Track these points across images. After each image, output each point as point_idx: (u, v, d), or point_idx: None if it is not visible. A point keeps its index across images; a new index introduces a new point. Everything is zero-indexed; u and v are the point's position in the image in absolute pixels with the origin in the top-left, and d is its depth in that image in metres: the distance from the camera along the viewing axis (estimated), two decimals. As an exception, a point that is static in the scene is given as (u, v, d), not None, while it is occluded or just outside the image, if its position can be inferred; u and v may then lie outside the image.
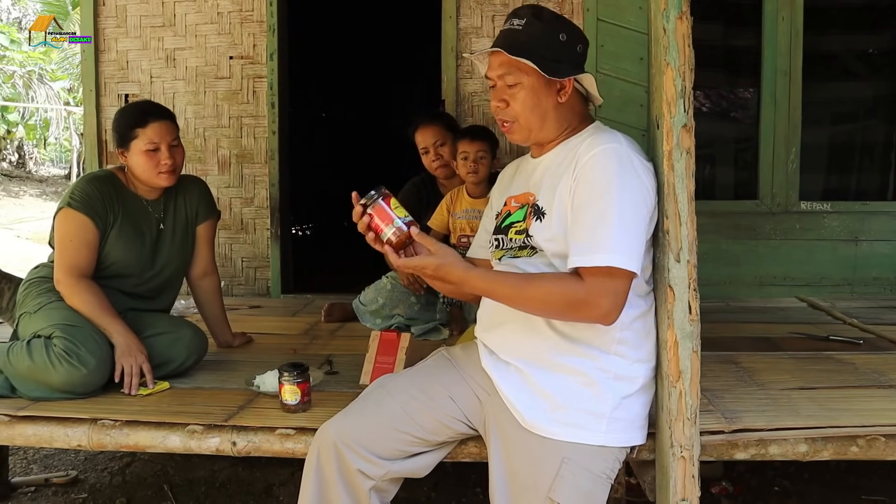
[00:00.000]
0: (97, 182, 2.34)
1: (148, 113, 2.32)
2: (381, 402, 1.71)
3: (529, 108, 1.62)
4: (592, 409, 1.56)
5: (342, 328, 3.11)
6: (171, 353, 2.28)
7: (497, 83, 1.64)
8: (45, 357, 2.04)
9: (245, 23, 3.83)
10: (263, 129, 3.87)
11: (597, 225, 1.49)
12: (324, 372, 2.35)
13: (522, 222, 1.67)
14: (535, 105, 1.62)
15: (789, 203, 3.79)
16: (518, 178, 1.78)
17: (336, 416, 1.71)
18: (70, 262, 2.26)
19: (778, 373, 2.28)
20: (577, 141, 1.64)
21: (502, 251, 1.73)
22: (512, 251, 1.70)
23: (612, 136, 1.60)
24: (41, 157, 15.40)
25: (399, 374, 1.84)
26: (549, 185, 1.63)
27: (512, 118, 1.64)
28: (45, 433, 1.96)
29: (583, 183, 1.53)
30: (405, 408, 1.68)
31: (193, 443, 1.91)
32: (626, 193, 1.50)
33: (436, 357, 1.86)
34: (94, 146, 3.90)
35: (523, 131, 1.66)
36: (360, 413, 1.69)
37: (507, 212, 1.74)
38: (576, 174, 1.56)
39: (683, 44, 1.56)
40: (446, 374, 1.76)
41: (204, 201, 2.57)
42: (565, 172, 1.59)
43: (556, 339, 1.59)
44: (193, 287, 2.65)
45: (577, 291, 1.49)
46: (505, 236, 1.72)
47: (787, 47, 3.71)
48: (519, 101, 1.62)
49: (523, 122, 1.64)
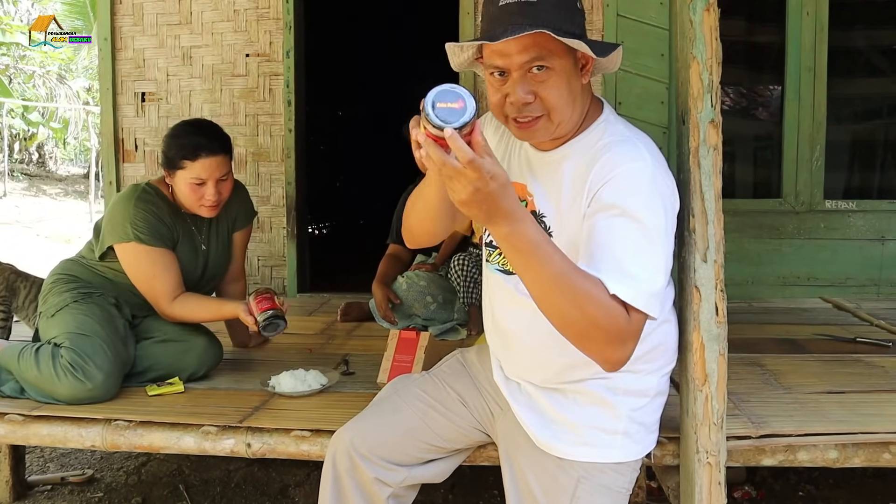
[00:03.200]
0: (153, 206, 2.24)
1: (200, 147, 2.18)
2: (397, 409, 1.65)
3: (564, 97, 1.32)
4: (606, 427, 1.48)
5: (359, 328, 3.08)
6: (181, 363, 2.23)
7: (515, 72, 1.30)
8: (52, 368, 2.01)
9: (261, 20, 3.80)
10: (280, 127, 3.85)
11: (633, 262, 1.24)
12: (340, 372, 2.32)
13: None
14: (569, 92, 1.32)
15: (814, 202, 3.72)
16: (513, 157, 1.51)
17: (351, 423, 1.65)
18: (164, 292, 2.23)
19: (804, 376, 2.22)
20: (590, 140, 1.39)
21: (495, 252, 1.53)
22: (503, 258, 1.49)
23: (633, 146, 1.35)
24: (62, 156, 15.52)
25: (415, 379, 1.76)
26: (556, 194, 1.40)
27: (541, 112, 1.32)
28: (60, 433, 1.95)
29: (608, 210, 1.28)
30: (421, 415, 1.63)
31: (208, 444, 1.89)
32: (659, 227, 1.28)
33: (451, 362, 1.78)
34: (110, 145, 3.89)
35: (551, 128, 1.35)
36: (376, 420, 1.64)
37: None
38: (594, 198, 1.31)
39: (710, 36, 1.51)
40: (461, 381, 1.70)
41: (243, 208, 2.51)
42: (577, 192, 1.36)
43: (563, 363, 1.46)
44: (219, 292, 2.61)
45: (620, 322, 1.20)
46: None
47: (811, 43, 3.63)
48: (553, 91, 1.30)
49: (556, 115, 1.33)
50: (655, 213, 1.28)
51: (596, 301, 1.18)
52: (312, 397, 2.10)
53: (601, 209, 1.29)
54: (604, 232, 1.27)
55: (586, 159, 1.37)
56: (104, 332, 2.13)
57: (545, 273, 1.17)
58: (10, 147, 13.58)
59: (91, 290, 2.27)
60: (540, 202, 1.44)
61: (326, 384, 2.15)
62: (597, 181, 1.32)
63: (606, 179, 1.30)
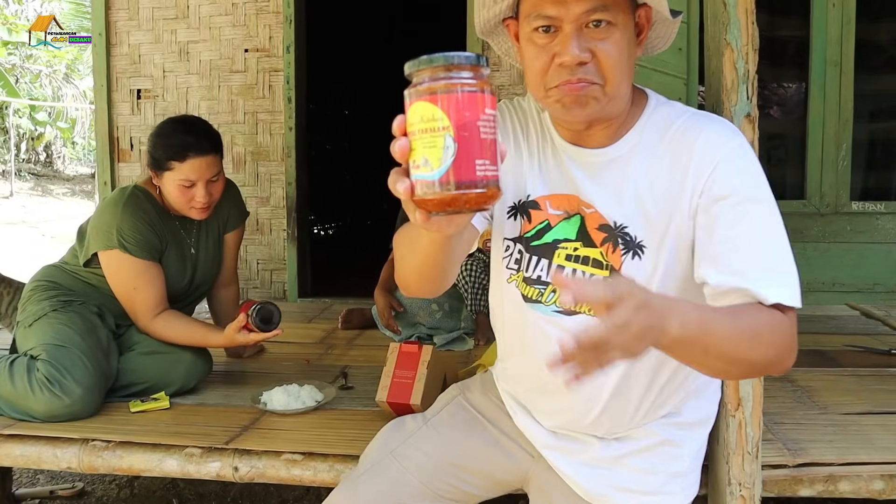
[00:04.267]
0: (141, 212, 2.10)
1: (188, 147, 2.05)
2: (399, 479, 1.33)
3: (624, 63, 1.08)
4: (673, 470, 1.28)
5: (360, 336, 2.93)
6: (168, 376, 2.09)
7: (569, 25, 1.05)
8: (27, 382, 1.88)
9: (261, 14, 3.65)
10: (280, 126, 3.70)
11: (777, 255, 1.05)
12: (338, 387, 2.16)
13: (577, 245, 1.18)
14: (628, 58, 1.09)
15: (839, 203, 3.55)
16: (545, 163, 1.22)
17: (342, 494, 1.33)
18: (145, 307, 2.10)
19: (839, 393, 2.05)
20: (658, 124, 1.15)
21: (547, 289, 1.21)
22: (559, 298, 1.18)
23: (719, 121, 1.15)
24: (69, 156, 15.48)
25: (413, 435, 1.40)
26: (635, 195, 1.15)
27: (598, 79, 1.06)
28: (33, 454, 1.82)
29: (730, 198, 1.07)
30: (428, 485, 1.34)
31: (192, 467, 1.76)
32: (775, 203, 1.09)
33: (453, 407, 1.44)
34: (105, 144, 3.75)
35: (603, 102, 1.08)
36: (373, 493, 1.32)
37: (543, 220, 1.21)
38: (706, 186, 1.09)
39: (747, 20, 1.35)
40: (473, 431, 1.39)
41: (235, 208, 2.37)
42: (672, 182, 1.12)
43: (636, 409, 1.24)
44: (210, 297, 2.49)
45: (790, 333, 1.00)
46: (547, 261, 1.20)
47: (837, 36, 3.46)
48: (614, 51, 1.05)
49: (611, 86, 1.07)
50: (769, 190, 1.09)
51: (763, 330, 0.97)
52: (307, 415, 1.95)
53: (719, 199, 1.07)
54: (732, 226, 1.05)
55: (670, 144, 1.13)
56: (84, 343, 1.99)
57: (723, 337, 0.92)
58: (18, 147, 13.53)
59: (72, 297, 2.13)
60: (610, 210, 1.16)
61: (322, 401, 2.00)
62: (705, 166, 1.09)
63: (716, 162, 1.09)
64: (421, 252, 1.04)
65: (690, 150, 1.11)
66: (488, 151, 0.74)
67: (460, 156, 0.73)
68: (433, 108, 0.74)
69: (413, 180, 0.76)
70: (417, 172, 0.75)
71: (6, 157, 13.05)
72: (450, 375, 2.03)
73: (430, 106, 0.74)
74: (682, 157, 1.11)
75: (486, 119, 0.74)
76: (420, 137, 0.75)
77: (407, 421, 1.44)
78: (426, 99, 0.74)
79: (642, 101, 1.19)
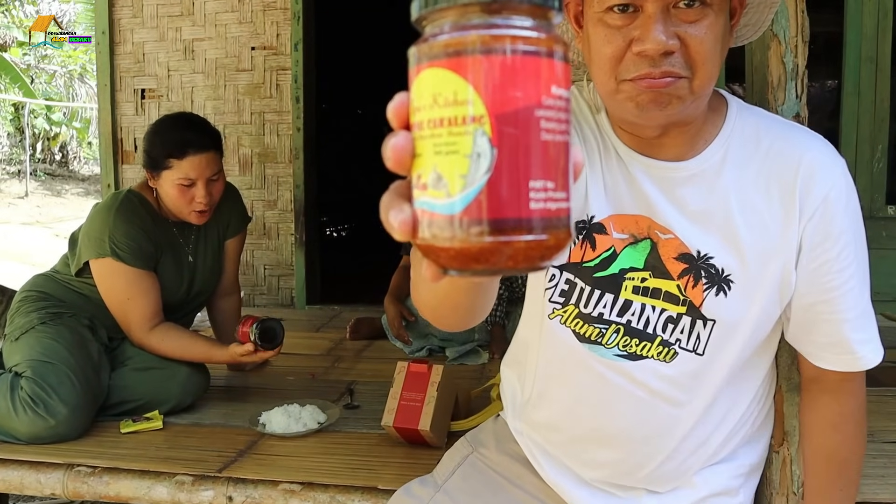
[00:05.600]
0: (136, 218, 1.99)
1: (188, 143, 1.95)
2: None
3: (717, 54, 0.88)
4: None
5: (369, 347, 2.79)
6: (162, 394, 1.96)
7: (652, 5, 0.85)
8: (9, 401, 1.76)
9: (268, 11, 3.53)
10: (287, 126, 3.57)
11: (867, 296, 1.00)
12: (343, 405, 2.03)
13: (647, 275, 0.99)
14: (721, 49, 0.89)
15: (874, 207, 3.38)
16: (611, 176, 1.00)
17: None
18: (139, 319, 1.98)
19: (887, 418, 1.89)
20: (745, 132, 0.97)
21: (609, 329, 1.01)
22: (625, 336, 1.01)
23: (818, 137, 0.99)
24: (85, 155, 15.50)
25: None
26: (727, 220, 0.96)
27: (685, 72, 0.86)
28: (15, 479, 1.71)
29: (839, 237, 0.95)
30: None
31: (183, 495, 1.64)
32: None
33: (466, 468, 1.22)
34: (109, 145, 3.64)
35: (688, 100, 0.88)
36: None
37: (608, 246, 1.00)
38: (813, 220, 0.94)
39: (796, 8, 1.20)
40: (493, 500, 1.17)
41: (236, 213, 2.26)
42: (770, 208, 0.95)
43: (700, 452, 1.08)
44: (210, 306, 2.36)
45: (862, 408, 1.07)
46: (613, 295, 1.00)
47: (873, 31, 3.30)
48: (709, 37, 0.86)
49: (700, 81, 0.87)
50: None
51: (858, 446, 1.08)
52: (308, 438, 1.82)
53: (828, 238, 0.95)
54: (841, 273, 0.97)
55: (767, 161, 0.96)
56: (73, 358, 1.87)
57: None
58: (34, 147, 13.55)
59: (62, 309, 2.01)
60: (692, 237, 0.97)
61: (325, 422, 1.87)
62: (813, 198, 0.94)
63: (824, 194, 0.94)
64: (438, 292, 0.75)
65: (795, 172, 0.94)
66: (554, 165, 0.41)
67: (502, 172, 0.40)
68: (457, 79, 0.40)
69: (417, 209, 0.43)
70: (425, 197, 0.42)
71: (22, 158, 13.07)
72: (462, 396, 1.89)
73: (451, 76, 0.40)
74: (785, 178, 0.95)
75: (553, 105, 0.41)
76: (431, 134, 0.41)
77: (414, 489, 1.21)
78: (445, 63, 0.40)
79: (722, 104, 1.00)
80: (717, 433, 1.07)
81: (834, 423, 1.07)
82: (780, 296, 0.98)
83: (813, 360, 1.04)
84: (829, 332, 1.00)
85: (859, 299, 0.98)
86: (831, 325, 0.99)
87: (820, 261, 0.95)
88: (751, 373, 1.07)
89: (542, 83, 0.40)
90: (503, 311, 2.60)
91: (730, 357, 1.00)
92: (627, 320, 1.00)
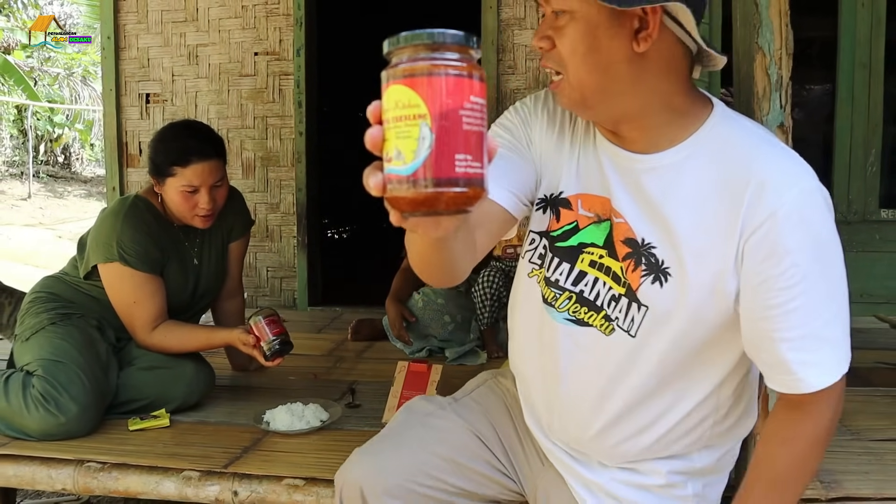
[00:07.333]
0: (142, 223, 2.04)
1: (191, 152, 2.00)
2: (417, 442, 1.28)
3: (581, 53, 0.99)
4: None
5: (370, 348, 2.85)
6: (168, 393, 2.02)
7: (545, 12, 1.04)
8: (21, 399, 1.82)
9: (271, 16, 3.58)
10: (290, 130, 3.62)
11: (827, 320, 0.99)
12: (344, 404, 2.08)
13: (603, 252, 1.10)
14: (591, 49, 0.99)
15: (868, 211, 3.43)
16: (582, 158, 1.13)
17: (359, 457, 1.29)
18: (143, 321, 2.04)
19: (873, 416, 1.94)
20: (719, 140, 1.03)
21: (562, 295, 1.14)
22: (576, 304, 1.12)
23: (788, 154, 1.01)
24: (88, 157, 15.56)
25: (438, 403, 1.36)
26: (673, 221, 1.03)
27: (558, 66, 1.02)
28: (27, 474, 1.76)
29: (787, 256, 0.96)
30: (450, 453, 1.28)
31: (190, 490, 1.69)
32: (842, 261, 1.00)
33: (483, 388, 1.40)
34: (114, 150, 3.69)
35: (572, 93, 1.02)
36: (393, 456, 1.27)
37: (571, 220, 1.13)
38: (756, 234, 0.97)
39: (780, 22, 1.26)
40: (496, 412, 1.34)
41: (240, 217, 2.31)
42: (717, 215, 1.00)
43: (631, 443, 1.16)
44: (215, 308, 2.41)
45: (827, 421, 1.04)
46: (569, 265, 1.13)
47: (867, 37, 3.34)
48: (566, 40, 1.00)
49: (572, 76, 1.01)
50: (837, 246, 0.99)
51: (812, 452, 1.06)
52: (311, 436, 1.87)
53: (773, 255, 0.97)
54: (784, 292, 0.97)
55: (723, 171, 1.00)
56: (82, 358, 1.92)
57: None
58: (36, 149, 13.61)
59: (71, 310, 2.07)
60: (641, 227, 1.05)
61: (327, 420, 1.92)
62: (759, 212, 0.97)
63: (773, 211, 0.96)
64: (416, 246, 0.98)
65: (746, 185, 0.97)
66: (472, 145, 0.64)
67: (438, 148, 0.62)
68: (410, 92, 0.63)
69: (385, 174, 0.65)
70: (389, 166, 0.65)
71: (25, 159, 13.13)
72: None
73: (406, 90, 0.63)
74: (736, 189, 0.98)
75: (471, 107, 0.64)
76: (394, 126, 0.64)
77: (433, 398, 1.39)
78: (403, 82, 0.64)
79: (704, 111, 1.06)
80: (657, 425, 1.12)
81: (784, 438, 1.05)
82: (715, 301, 1.02)
83: (765, 380, 1.07)
84: (769, 349, 1.00)
85: (807, 320, 0.97)
86: (772, 343, 0.99)
87: (763, 277, 0.97)
88: (701, 374, 1.09)
89: (464, 94, 0.63)
90: (498, 315, 2.65)
91: (661, 346, 1.05)
92: (580, 290, 1.11)
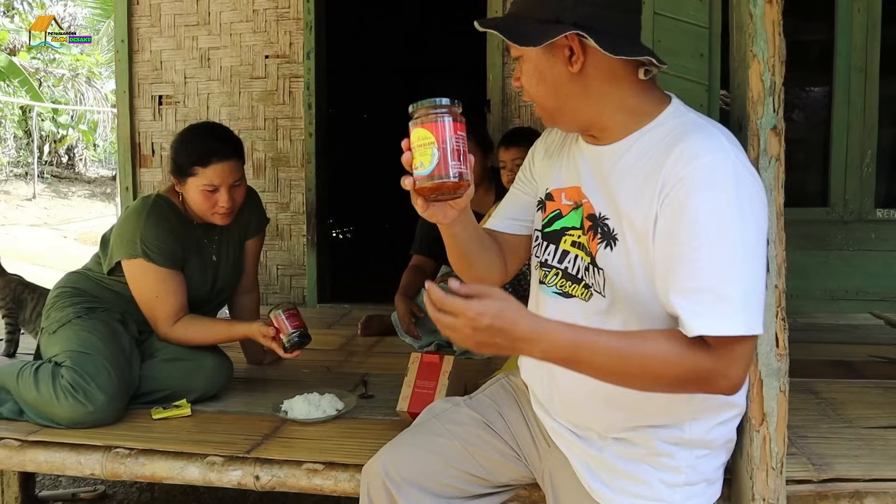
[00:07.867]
0: (165, 221, 2.13)
1: (212, 152, 2.07)
2: (437, 434, 1.47)
3: (536, 83, 1.25)
4: (671, 481, 1.28)
5: (380, 343, 2.93)
6: (189, 384, 2.10)
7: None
8: (51, 389, 1.90)
9: (281, 20, 3.67)
10: (300, 132, 3.72)
11: (724, 278, 1.08)
12: (358, 395, 2.17)
13: (580, 233, 1.29)
14: (541, 80, 1.24)
15: (863, 210, 3.50)
16: (566, 160, 1.36)
17: (386, 449, 1.48)
18: (165, 315, 2.13)
19: (865, 406, 2.02)
20: (657, 135, 1.20)
21: (551, 272, 1.35)
22: (562, 279, 1.32)
23: (711, 135, 1.15)
24: (91, 158, 15.65)
25: (456, 402, 1.56)
26: (616, 194, 1.22)
27: (530, 98, 1.29)
28: (58, 460, 1.84)
29: (687, 214, 1.10)
30: (462, 442, 1.45)
31: (213, 475, 1.77)
32: (750, 230, 1.10)
33: (496, 387, 1.58)
34: (127, 150, 3.79)
35: (543, 113, 1.30)
36: (412, 446, 1.46)
37: (555, 209, 1.35)
38: (668, 197, 1.13)
39: (773, 31, 1.34)
40: (508, 407, 1.51)
41: (256, 215, 2.40)
42: (645, 186, 1.17)
43: (623, 412, 1.28)
44: (231, 303, 2.50)
45: (703, 364, 1.08)
46: (555, 246, 1.34)
47: (862, 41, 3.42)
48: (525, 79, 1.27)
49: (539, 102, 1.28)
50: (742, 213, 1.09)
51: (672, 360, 1.09)
52: (327, 424, 1.95)
53: (677, 214, 1.11)
54: (683, 245, 1.10)
55: (655, 151, 1.18)
56: (108, 350, 2.01)
57: (602, 365, 1.10)
58: (40, 150, 13.70)
59: (96, 304, 2.16)
60: (598, 203, 1.26)
61: (342, 410, 2.00)
62: (671, 178, 1.13)
63: (681, 177, 1.12)
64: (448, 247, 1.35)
65: (665, 159, 1.15)
66: (459, 157, 1.13)
67: (441, 159, 1.12)
68: (425, 131, 1.13)
69: (414, 176, 1.15)
70: (417, 171, 1.14)
71: (29, 160, 13.22)
72: (470, 385, 2.02)
73: (423, 130, 1.13)
74: (660, 164, 1.15)
75: (458, 137, 1.14)
76: (418, 149, 1.14)
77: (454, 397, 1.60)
78: (421, 125, 1.14)
79: (661, 107, 1.23)
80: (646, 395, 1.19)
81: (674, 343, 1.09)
82: (650, 260, 1.17)
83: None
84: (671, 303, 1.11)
85: (701, 275, 1.08)
86: (672, 294, 1.11)
87: (669, 233, 1.12)
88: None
89: (454, 129, 1.14)
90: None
91: (625, 301, 1.21)
92: (565, 267, 1.32)
